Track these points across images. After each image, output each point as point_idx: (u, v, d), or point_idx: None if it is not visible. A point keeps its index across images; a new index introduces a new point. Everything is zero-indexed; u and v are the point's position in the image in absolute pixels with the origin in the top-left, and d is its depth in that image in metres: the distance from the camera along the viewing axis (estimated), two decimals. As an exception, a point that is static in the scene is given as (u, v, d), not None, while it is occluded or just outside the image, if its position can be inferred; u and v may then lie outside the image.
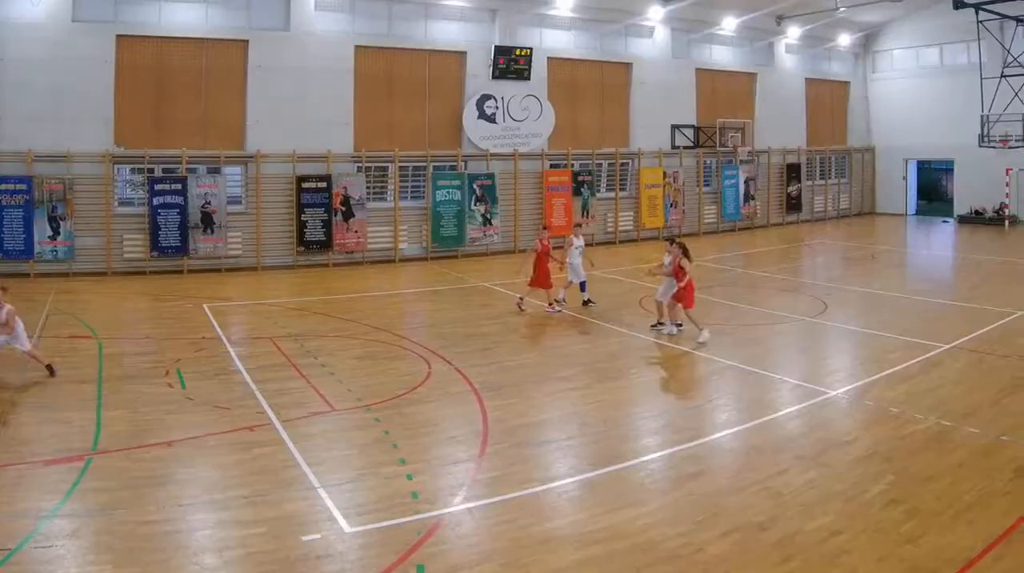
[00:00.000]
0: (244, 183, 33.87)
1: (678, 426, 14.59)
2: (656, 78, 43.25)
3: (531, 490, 11.79)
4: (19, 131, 29.79)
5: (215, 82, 33.35)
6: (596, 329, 22.58)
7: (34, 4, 29.94)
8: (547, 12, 39.81)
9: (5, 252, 29.77)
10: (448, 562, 9.72)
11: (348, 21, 35.60)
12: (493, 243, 38.09)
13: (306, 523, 10.72)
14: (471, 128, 38.06)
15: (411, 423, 14.69)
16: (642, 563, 9.64)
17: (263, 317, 24.16)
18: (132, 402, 15.59)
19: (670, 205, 43.32)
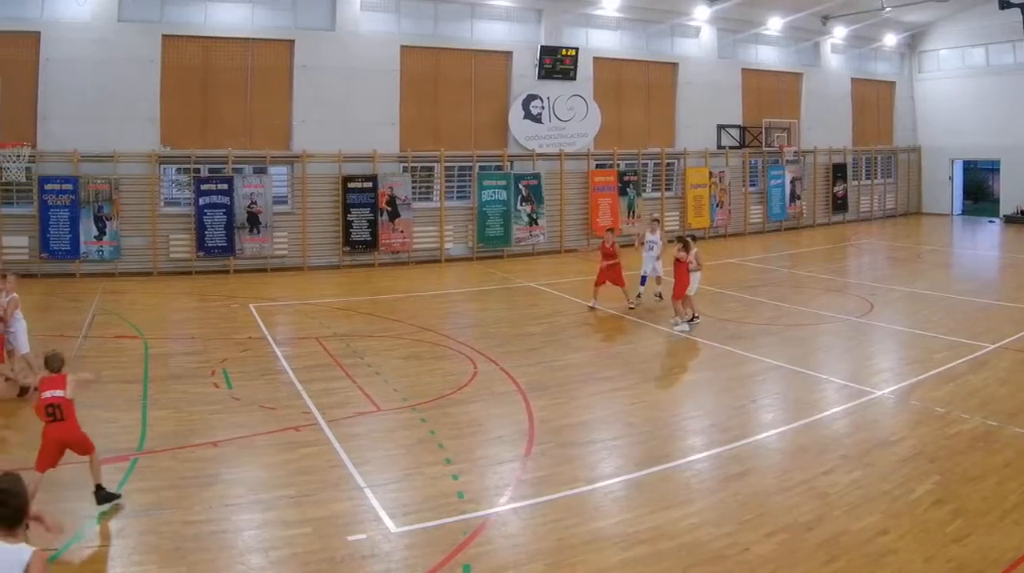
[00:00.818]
0: (290, 183, 32.69)
1: (723, 426, 14.23)
2: (702, 78, 41.59)
3: (577, 490, 11.53)
4: (65, 131, 28.80)
5: (261, 82, 32.15)
6: (641, 329, 21.81)
7: (80, 4, 28.88)
8: (593, 12, 38.31)
9: (51, 252, 28.73)
10: (494, 562, 9.53)
11: (394, 21, 34.32)
12: (539, 243, 36.60)
13: (352, 523, 10.50)
14: (517, 128, 36.62)
15: (457, 423, 14.33)
16: (688, 563, 9.44)
17: (309, 317, 23.34)
18: (178, 402, 15.22)
19: (716, 205, 41.70)
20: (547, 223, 36.74)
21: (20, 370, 15.97)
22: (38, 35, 28.70)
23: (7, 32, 28.02)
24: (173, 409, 14.80)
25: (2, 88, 23.80)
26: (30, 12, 28.62)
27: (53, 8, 28.88)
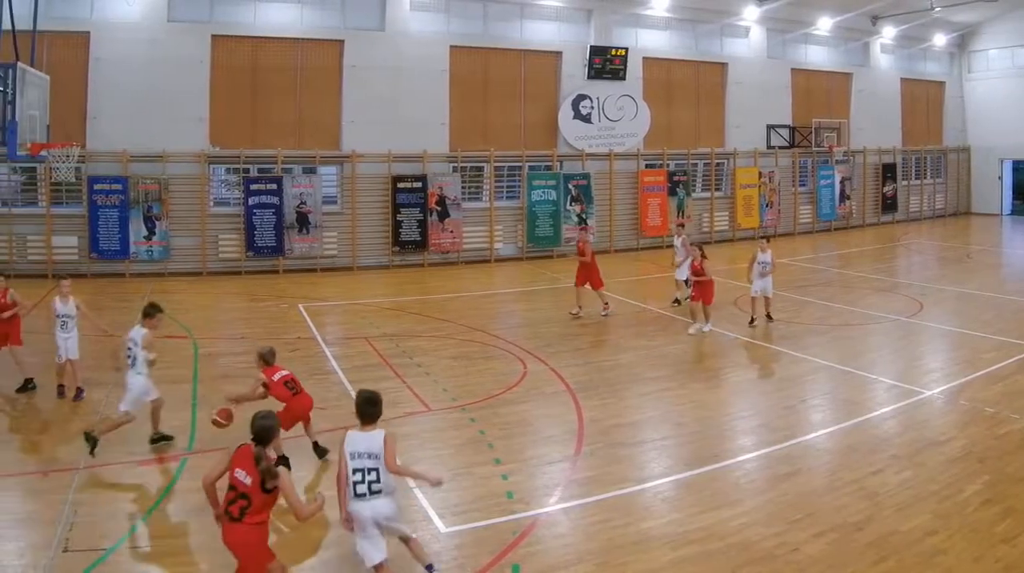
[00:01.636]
0: (339, 183, 31.33)
1: (773, 426, 13.82)
2: (751, 78, 39.58)
3: (626, 490, 11.22)
4: (114, 131, 27.64)
5: (310, 82, 30.77)
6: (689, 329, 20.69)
7: (129, 4, 27.67)
8: (642, 12, 36.49)
9: (100, 252, 27.54)
10: (543, 562, 9.28)
11: (443, 21, 32.79)
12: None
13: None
14: (566, 128, 34.97)
15: (506, 423, 13.91)
16: (737, 563, 9.17)
17: (358, 317, 22.46)
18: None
19: (765, 205, 39.74)
20: (596, 223, 35.01)
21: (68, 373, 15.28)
22: (88, 35, 27.60)
23: (57, 32, 26.75)
24: None
25: (52, 88, 22.68)
26: (80, 12, 27.49)
27: (103, 8, 27.75)
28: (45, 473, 11.49)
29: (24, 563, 9.04)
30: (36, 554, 9.22)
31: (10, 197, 27.57)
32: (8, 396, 15.04)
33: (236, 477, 7.87)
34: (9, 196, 27.55)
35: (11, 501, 10.69)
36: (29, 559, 9.13)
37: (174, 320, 21.24)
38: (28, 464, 12.03)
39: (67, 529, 9.74)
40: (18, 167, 27.31)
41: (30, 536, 9.69)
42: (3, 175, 27.42)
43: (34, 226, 27.37)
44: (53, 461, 12.01)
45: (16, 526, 9.95)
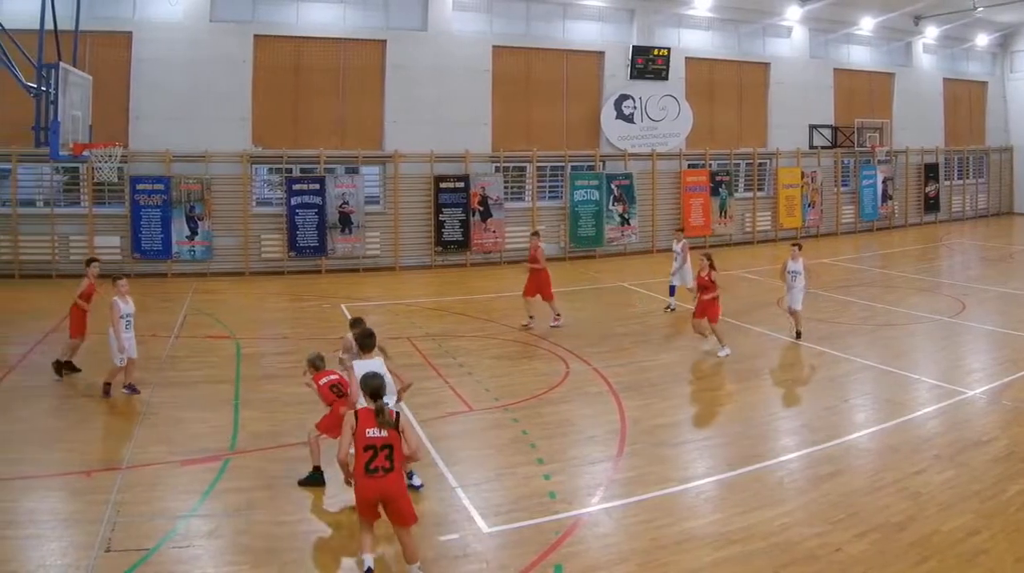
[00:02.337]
0: (382, 183, 29.89)
1: (815, 426, 13.33)
2: (794, 78, 37.60)
3: (669, 490, 10.85)
4: (157, 131, 26.42)
5: (353, 82, 29.35)
6: (732, 330, 19.37)
7: (172, 4, 26.42)
8: (685, 12, 34.68)
9: (143, 252, 26.34)
10: (586, 562, 8.99)
11: (486, 21, 31.27)
12: (631, 243, 33.27)
13: (444, 523, 9.89)
14: (609, 128, 33.29)
15: (549, 423, 13.46)
16: (780, 563, 8.89)
17: (401, 317, 21.64)
18: (270, 402, 14.27)
19: (808, 205, 37.80)
20: (639, 223, 33.40)
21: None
22: (130, 35, 26.41)
23: (100, 32, 25.44)
24: (265, 409, 13.83)
25: (94, 88, 21.64)
26: (122, 12, 26.30)
27: (145, 8, 26.53)
28: (88, 473, 11.07)
29: (67, 563, 8.76)
30: (79, 554, 8.93)
31: (52, 197, 26.48)
32: (53, 396, 14.56)
33: (369, 437, 8.28)
34: (51, 196, 26.47)
35: (54, 501, 10.39)
36: (72, 559, 8.84)
37: (217, 320, 20.48)
38: (71, 464, 11.46)
39: (110, 529, 9.43)
40: (61, 167, 26.20)
41: (73, 536, 9.39)
42: (46, 175, 26.37)
43: (76, 226, 26.24)
44: (96, 461, 11.57)
45: (59, 526, 9.66)
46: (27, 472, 11.13)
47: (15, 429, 12.84)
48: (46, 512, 10.00)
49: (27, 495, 10.46)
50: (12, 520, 9.68)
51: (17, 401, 14.18)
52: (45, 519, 9.79)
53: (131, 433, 12.65)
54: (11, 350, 17.58)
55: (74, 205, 26.92)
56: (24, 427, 12.97)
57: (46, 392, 14.74)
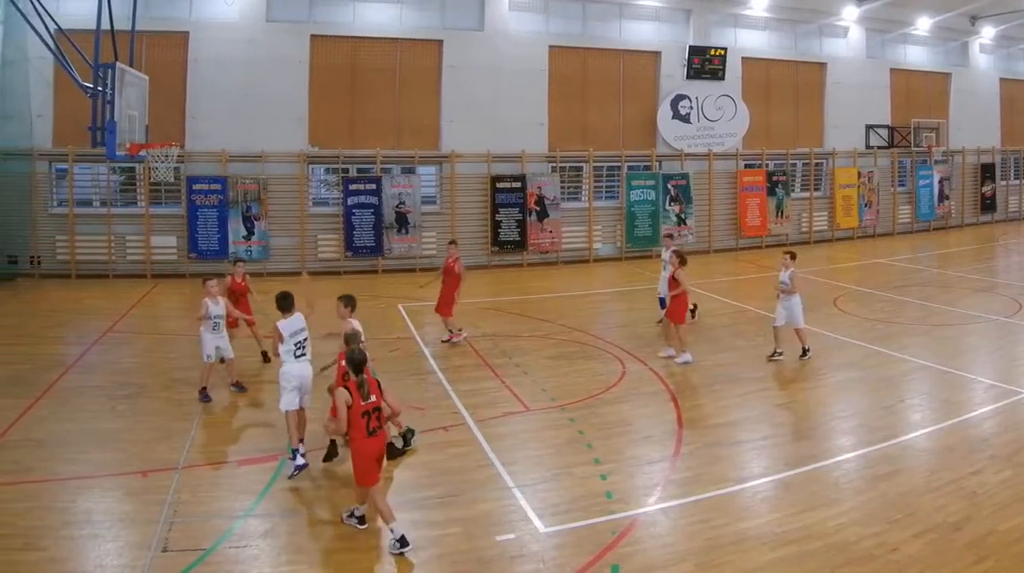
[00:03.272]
0: (438, 183, 27.84)
1: (871, 426, 12.52)
2: (850, 78, 34.74)
3: (725, 490, 10.21)
4: (213, 131, 24.65)
5: (409, 82, 27.27)
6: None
7: (228, 4, 24.58)
8: (741, 12, 32.09)
9: (199, 252, 24.53)
10: (642, 562, 8.42)
11: (542, 21, 29.01)
12: (687, 243, 30.43)
13: (500, 523, 9.36)
14: (665, 128, 30.87)
15: (605, 423, 12.68)
16: (836, 563, 8.31)
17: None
18: (326, 402, 12.48)
19: (864, 205, 35.04)
20: (695, 223, 30.99)
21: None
22: (187, 35, 24.65)
23: (156, 32, 23.80)
24: (321, 409, 12.34)
25: (151, 88, 20.22)
26: (179, 12, 24.54)
27: (202, 8, 24.75)
28: (144, 473, 10.48)
29: (123, 563, 8.33)
30: (135, 554, 8.48)
31: (109, 197, 24.74)
32: (109, 396, 13.61)
33: (363, 405, 8.77)
34: (108, 196, 24.73)
35: (111, 501, 9.86)
36: (128, 559, 8.40)
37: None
38: (128, 464, 10.83)
39: (166, 529, 8.98)
40: (117, 167, 24.49)
41: (129, 536, 8.92)
42: (102, 175, 24.66)
43: (133, 226, 24.52)
44: (153, 461, 10.90)
45: (116, 526, 9.16)
46: (84, 472, 10.54)
47: (72, 429, 12.08)
48: (103, 512, 9.50)
49: (84, 495, 9.91)
50: (69, 520, 9.19)
51: (74, 401, 13.37)
52: (102, 519, 9.29)
53: (188, 433, 11.96)
54: (68, 350, 16.65)
55: (131, 205, 25.20)
56: (81, 427, 12.18)
57: (102, 392, 13.83)
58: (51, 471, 10.51)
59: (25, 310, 20.98)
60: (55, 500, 9.71)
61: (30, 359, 15.75)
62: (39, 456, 11.01)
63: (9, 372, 14.82)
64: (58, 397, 13.52)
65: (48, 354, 16.31)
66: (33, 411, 12.75)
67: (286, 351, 11.05)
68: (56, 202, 24.66)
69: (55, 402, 13.25)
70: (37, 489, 10.00)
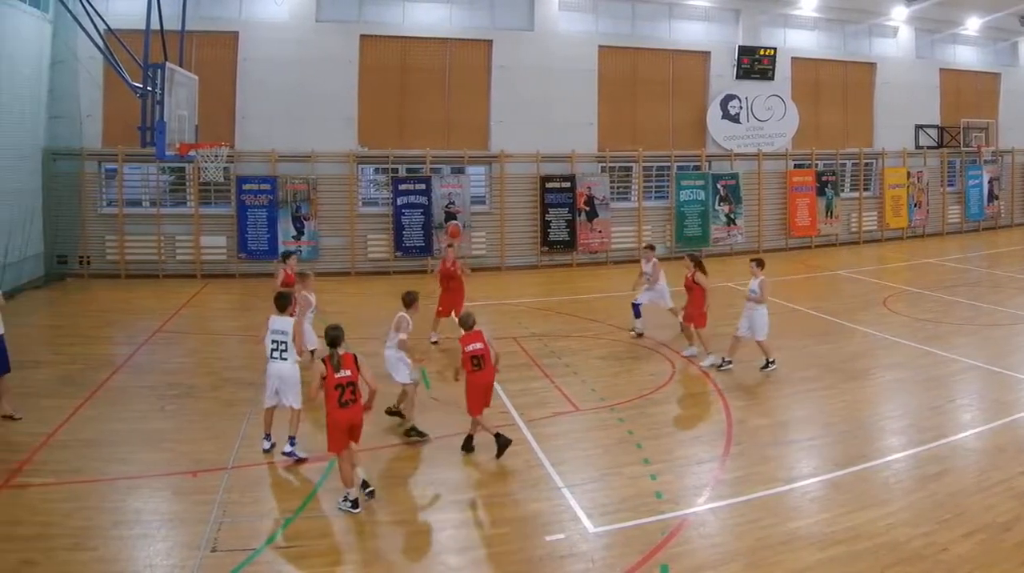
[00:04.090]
0: (488, 183, 25.92)
1: (921, 426, 11.73)
2: (899, 78, 32.22)
3: (774, 490, 9.52)
4: (263, 131, 23.02)
5: (458, 82, 25.45)
6: (838, 329, 17.72)
7: (278, 4, 22.96)
8: (791, 12, 29.75)
9: (249, 252, 22.90)
10: (692, 562, 7.92)
11: (591, 21, 26.99)
12: (737, 243, 28.64)
13: (550, 523, 8.78)
14: (715, 128, 28.72)
15: (655, 423, 12.00)
16: (885, 563, 7.78)
17: (507, 317, 19.06)
18: (377, 402, 11.68)
19: (914, 205, 32.56)
20: (745, 223, 28.79)
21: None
22: (236, 35, 23.06)
23: (206, 32, 22.26)
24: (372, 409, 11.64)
25: (200, 88, 18.90)
26: (228, 12, 22.93)
27: (251, 8, 23.12)
28: (194, 473, 9.95)
29: (173, 563, 7.91)
30: (185, 554, 8.04)
31: (159, 197, 23.21)
32: (159, 396, 12.85)
33: (338, 378, 8.96)
34: (158, 196, 23.18)
35: (161, 501, 9.37)
36: (177, 559, 7.97)
37: (323, 321, 17.70)
38: (177, 464, 10.26)
39: (215, 529, 8.49)
40: (167, 167, 22.93)
41: (179, 536, 8.47)
42: (152, 175, 23.11)
43: (183, 226, 22.94)
44: (202, 461, 10.30)
45: (165, 526, 8.70)
46: (133, 472, 10.00)
47: (121, 429, 11.45)
48: (152, 512, 9.02)
49: (133, 495, 9.39)
50: (119, 520, 8.73)
51: (123, 401, 12.61)
52: (151, 519, 8.82)
53: (237, 433, 11.29)
54: (117, 350, 15.70)
55: (180, 205, 23.61)
56: (130, 427, 11.54)
57: (152, 392, 13.07)
58: (101, 471, 9.91)
59: (75, 310, 19.85)
60: (105, 500, 9.19)
61: (80, 359, 14.77)
62: (89, 456, 10.36)
63: (59, 372, 13.93)
64: (108, 397, 12.69)
65: (97, 354, 15.32)
66: (83, 411, 11.97)
67: (268, 349, 10.65)
68: (106, 202, 23.14)
69: (105, 402, 12.44)
70: (87, 489, 9.44)
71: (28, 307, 19.40)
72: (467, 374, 10.47)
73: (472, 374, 10.44)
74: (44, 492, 9.34)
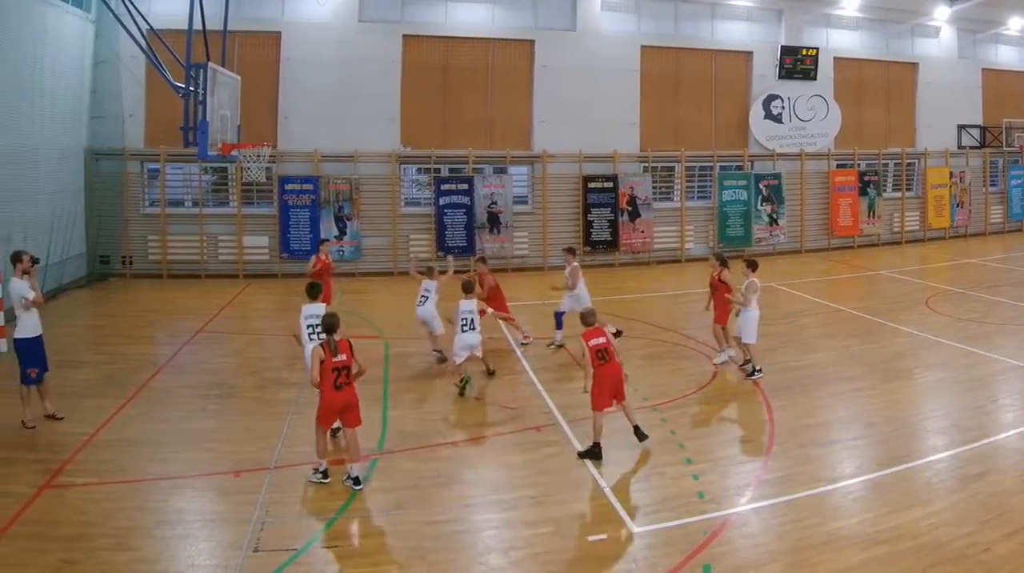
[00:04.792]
0: (530, 183, 24.32)
1: (963, 426, 10.76)
2: (942, 78, 30.18)
3: (817, 490, 8.86)
4: (305, 131, 21.64)
5: (501, 82, 23.90)
6: (881, 330, 16.54)
7: (321, 4, 21.61)
8: (833, 12, 27.91)
9: (291, 252, 21.52)
10: (734, 562, 7.35)
11: (634, 21, 25.35)
12: (779, 243, 26.84)
13: (592, 523, 8.24)
14: (757, 128, 26.94)
15: (697, 423, 11.32)
16: (928, 563, 7.25)
17: (549, 317, 16.91)
18: (418, 402, 12.13)
19: (956, 205, 30.51)
20: (787, 223, 27.01)
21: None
22: (279, 35, 21.70)
23: (248, 32, 20.98)
24: (413, 409, 11.75)
25: (243, 88, 17.76)
26: (271, 12, 21.61)
27: (294, 8, 21.75)
28: (237, 473, 9.38)
29: (215, 563, 7.32)
30: (227, 554, 7.45)
31: (201, 197, 21.97)
32: (201, 397, 12.03)
33: (335, 362, 8.81)
34: (200, 196, 21.92)
35: (203, 501, 8.77)
36: (220, 559, 7.38)
37: (365, 320, 17.11)
38: (219, 464, 9.66)
39: (258, 529, 7.88)
40: (209, 167, 21.64)
41: (221, 536, 7.87)
42: (194, 175, 21.83)
43: (225, 226, 21.61)
44: (244, 461, 9.70)
45: (207, 526, 8.10)
46: (176, 472, 9.46)
47: (163, 429, 10.82)
48: (194, 512, 8.50)
49: (176, 495, 8.87)
50: (161, 520, 8.20)
51: (165, 401, 11.92)
52: (193, 519, 8.30)
53: (280, 433, 10.62)
54: (159, 350, 14.88)
55: (223, 205, 22.27)
56: (172, 427, 10.90)
57: (194, 392, 12.33)
58: (143, 471, 9.38)
59: (117, 310, 18.68)
60: (147, 500, 8.67)
61: (122, 359, 13.96)
62: (131, 456, 9.79)
63: (101, 372, 13.13)
64: (150, 397, 12.01)
65: (140, 354, 14.49)
66: (125, 411, 11.31)
67: (305, 334, 10.58)
68: (148, 202, 21.85)
69: (147, 402, 11.76)
70: (129, 489, 8.92)
71: (71, 307, 18.41)
72: (594, 369, 9.76)
73: (600, 368, 9.76)
74: (86, 492, 8.75)
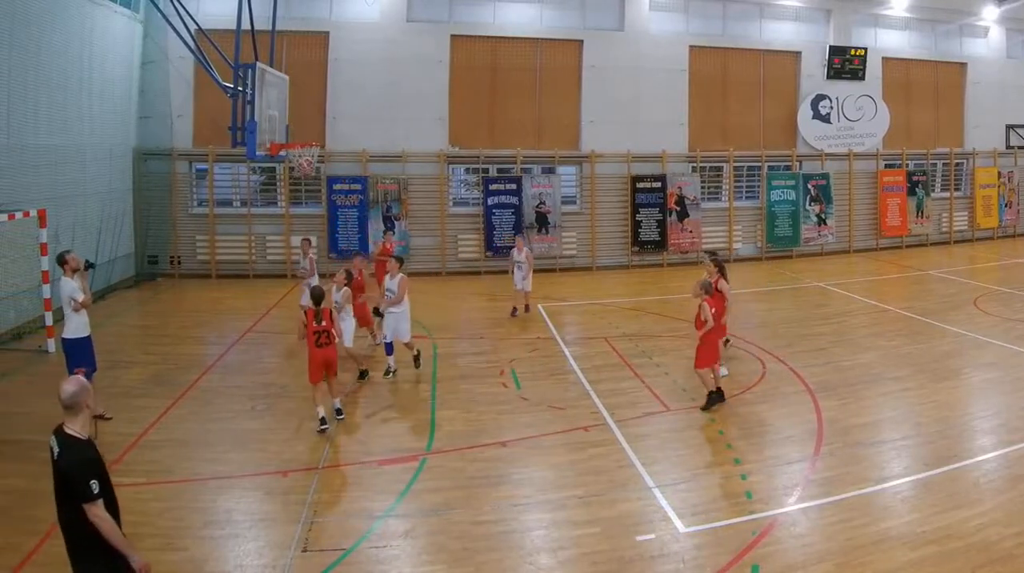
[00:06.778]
0: (578, 183, 21.03)
1: (1012, 426, 9.12)
2: (990, 78, 26.00)
3: (865, 490, 7.55)
4: (353, 131, 18.74)
5: (549, 82, 20.64)
6: (930, 329, 14.27)
7: (368, 4, 18.72)
8: (882, 12, 24.03)
9: (339, 252, 18.64)
10: (783, 562, 6.31)
11: (682, 21, 21.98)
12: (828, 243, 23.19)
13: (640, 523, 7.05)
14: (805, 128, 23.29)
15: (745, 423, 9.52)
16: (976, 563, 6.18)
17: (597, 317, 15.70)
18: (466, 402, 10.29)
19: (1005, 205, 26.56)
20: (836, 223, 23.36)
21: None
22: (327, 35, 18.80)
23: (297, 32, 18.17)
24: (462, 409, 10.01)
25: (291, 88, 15.25)
26: (319, 12, 18.72)
27: (342, 8, 18.83)
28: (285, 473, 7.99)
29: (263, 563, 6.33)
30: (275, 554, 6.45)
31: (249, 197, 19.30)
32: (249, 397, 10.47)
33: (315, 328, 8.98)
34: (248, 196, 19.24)
35: (251, 501, 7.45)
36: (268, 559, 6.38)
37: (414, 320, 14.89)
38: (268, 464, 8.20)
39: (306, 529, 6.77)
40: (257, 167, 18.88)
41: (269, 536, 6.76)
42: (242, 175, 19.11)
43: (273, 226, 18.83)
44: (292, 461, 8.26)
45: (256, 526, 6.94)
46: (224, 472, 8.09)
47: (212, 429, 9.45)
48: (243, 512, 7.21)
49: (224, 495, 7.56)
50: (210, 520, 6.99)
51: (214, 401, 10.51)
52: (242, 519, 7.05)
53: (328, 433, 9.13)
54: (208, 350, 13.18)
55: (271, 205, 19.44)
56: (221, 427, 9.54)
57: (242, 392, 10.83)
58: (191, 471, 8.18)
59: (165, 310, 16.28)
60: (195, 500, 7.50)
61: (171, 359, 12.42)
62: (180, 456, 8.60)
63: (150, 372, 11.72)
64: (198, 397, 10.69)
65: (188, 354, 12.87)
66: (173, 411, 10.07)
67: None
68: (196, 202, 19.13)
69: (196, 402, 10.47)
70: (178, 489, 7.75)
71: (119, 307, 16.02)
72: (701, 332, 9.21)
73: (708, 333, 9.35)
74: (135, 492, 7.50)
